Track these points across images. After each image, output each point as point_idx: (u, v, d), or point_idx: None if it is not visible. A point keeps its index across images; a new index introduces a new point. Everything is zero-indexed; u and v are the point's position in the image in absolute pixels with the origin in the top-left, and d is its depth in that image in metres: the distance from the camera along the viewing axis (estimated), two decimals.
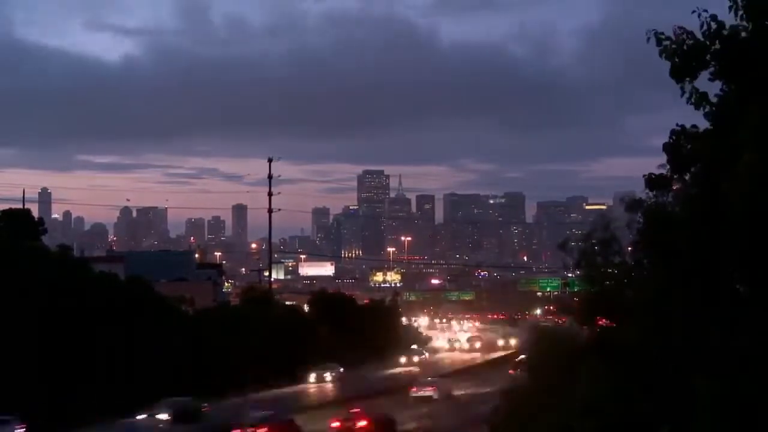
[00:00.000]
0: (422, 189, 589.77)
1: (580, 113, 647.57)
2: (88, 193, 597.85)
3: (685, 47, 12.20)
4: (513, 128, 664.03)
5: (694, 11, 12.03)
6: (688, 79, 12.24)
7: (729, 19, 12.09)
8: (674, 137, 12.82)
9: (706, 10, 12.03)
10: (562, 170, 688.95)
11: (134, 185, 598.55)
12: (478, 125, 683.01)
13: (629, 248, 18.88)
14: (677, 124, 12.84)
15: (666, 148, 12.92)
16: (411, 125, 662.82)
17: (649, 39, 12.33)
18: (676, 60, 12.24)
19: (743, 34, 12.04)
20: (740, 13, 11.89)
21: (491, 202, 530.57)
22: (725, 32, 12.03)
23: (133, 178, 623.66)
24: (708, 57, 12.15)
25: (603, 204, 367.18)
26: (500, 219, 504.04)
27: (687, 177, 13.46)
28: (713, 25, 12.02)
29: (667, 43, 12.27)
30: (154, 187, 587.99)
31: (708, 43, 12.09)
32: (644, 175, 14.04)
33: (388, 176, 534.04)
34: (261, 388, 69.09)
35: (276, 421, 49.43)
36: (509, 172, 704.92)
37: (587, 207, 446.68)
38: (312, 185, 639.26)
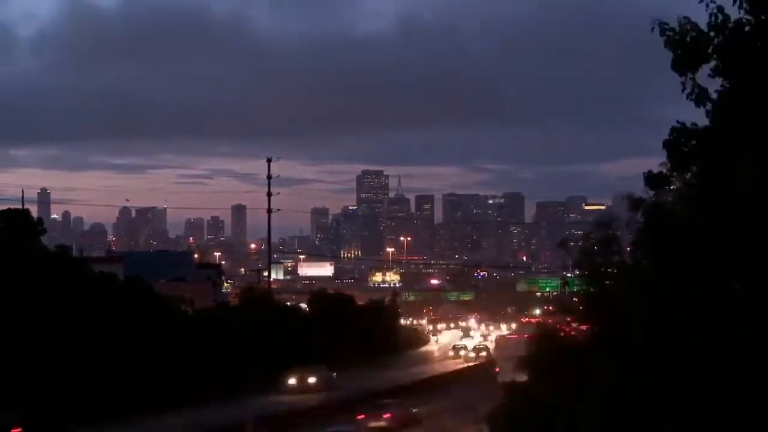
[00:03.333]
0: (422, 189, 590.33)
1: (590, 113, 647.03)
2: (99, 193, 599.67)
3: (688, 38, 12.14)
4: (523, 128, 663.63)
5: (701, 1, 11.96)
6: (689, 72, 12.19)
7: (735, 12, 12.04)
8: (674, 134, 12.77)
9: (713, 1, 11.97)
10: (572, 171, 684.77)
11: (146, 186, 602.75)
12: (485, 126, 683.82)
13: (629, 248, 18.87)
14: (677, 121, 12.79)
15: (666, 145, 12.87)
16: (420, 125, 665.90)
17: (653, 29, 12.28)
18: (679, 52, 12.20)
19: (747, 28, 11.99)
20: (744, 6, 11.84)
21: (490, 202, 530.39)
22: (730, 25, 11.97)
23: (146, 179, 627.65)
24: (710, 50, 12.10)
25: (602, 204, 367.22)
26: (499, 219, 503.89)
27: (687, 175, 13.44)
28: (719, 17, 11.96)
29: (671, 33, 12.21)
30: (168, 188, 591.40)
31: (712, 34, 12.03)
32: (644, 173, 14.02)
33: (387, 176, 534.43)
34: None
35: None
36: (519, 172, 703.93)
37: (586, 207, 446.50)
38: (324, 185, 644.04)
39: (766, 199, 11.62)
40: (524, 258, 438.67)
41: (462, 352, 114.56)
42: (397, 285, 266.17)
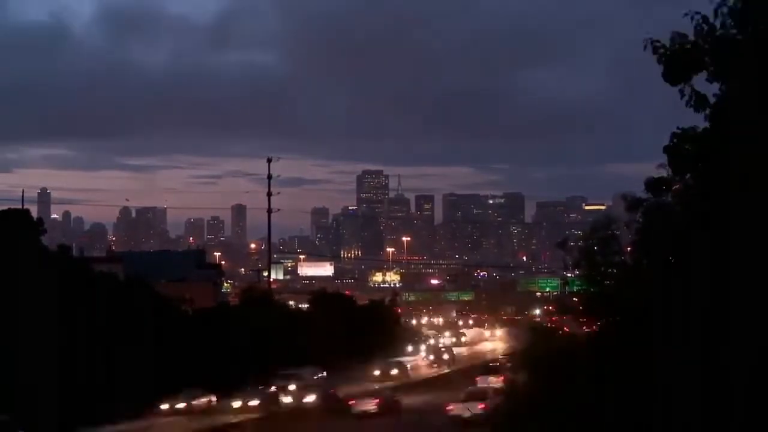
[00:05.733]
0: (428, 189, 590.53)
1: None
2: (114, 194, 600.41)
3: (677, 49, 12.21)
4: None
5: (686, 14, 12.03)
6: (682, 82, 12.25)
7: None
8: (674, 139, 12.82)
9: (698, 12, 12.04)
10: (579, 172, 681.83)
11: (158, 185, 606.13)
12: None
13: (629, 248, 18.90)
14: (677, 127, 12.86)
15: (666, 150, 12.93)
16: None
17: (645, 47, 12.35)
18: (671, 65, 12.26)
19: (734, 34, 12.05)
20: (729, 22, 11.91)
21: (490, 202, 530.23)
22: (717, 34, 12.04)
23: (157, 179, 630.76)
24: (704, 59, 12.16)
25: (602, 204, 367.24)
26: (500, 219, 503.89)
27: (687, 178, 13.48)
28: (705, 27, 12.02)
29: (663, 50, 12.28)
30: (179, 188, 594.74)
31: (701, 44, 12.09)
32: (645, 180, 14.09)
33: (387, 176, 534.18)
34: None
35: None
36: (527, 173, 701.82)
37: (586, 207, 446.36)
38: (332, 186, 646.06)
39: (762, 200, 11.67)
40: (524, 258, 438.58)
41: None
42: (397, 285, 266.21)
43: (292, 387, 69.45)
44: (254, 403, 63.84)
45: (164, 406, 62.54)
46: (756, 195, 11.72)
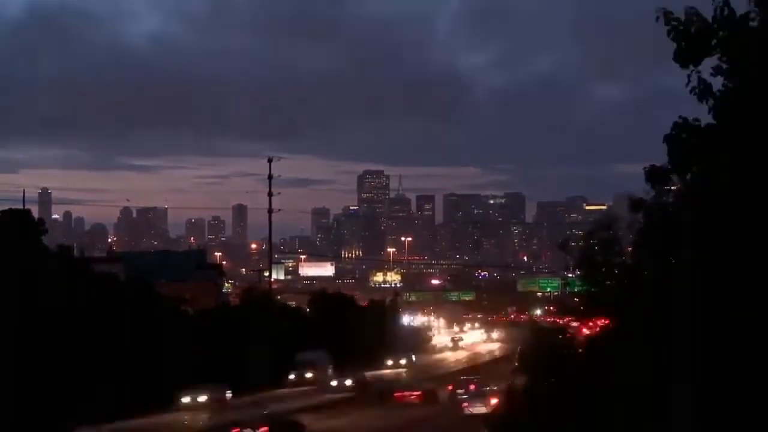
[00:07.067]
0: (432, 189, 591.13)
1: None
2: (118, 194, 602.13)
3: (692, 30, 12.00)
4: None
5: None
6: (692, 65, 12.06)
7: (742, 8, 11.94)
8: (676, 130, 12.62)
9: None
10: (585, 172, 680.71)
11: (163, 186, 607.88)
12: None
13: (629, 248, 18.84)
14: (679, 117, 12.64)
15: (667, 140, 12.73)
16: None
17: (658, 18, 12.13)
18: (683, 43, 12.06)
19: (753, 23, 11.88)
20: None
21: (491, 202, 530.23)
22: (735, 19, 11.86)
23: (162, 179, 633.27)
24: (714, 43, 11.97)
25: (603, 204, 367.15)
26: (500, 219, 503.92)
27: (688, 176, 13.35)
28: (725, 11, 11.83)
29: (676, 23, 12.07)
30: (186, 188, 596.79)
31: (716, 27, 11.91)
32: (644, 167, 13.94)
33: (388, 176, 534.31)
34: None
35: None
36: (531, 172, 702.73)
37: (587, 207, 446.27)
38: (337, 185, 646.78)
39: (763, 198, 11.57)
40: (525, 258, 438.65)
41: None
42: (398, 285, 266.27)
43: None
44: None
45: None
46: (758, 193, 11.62)
